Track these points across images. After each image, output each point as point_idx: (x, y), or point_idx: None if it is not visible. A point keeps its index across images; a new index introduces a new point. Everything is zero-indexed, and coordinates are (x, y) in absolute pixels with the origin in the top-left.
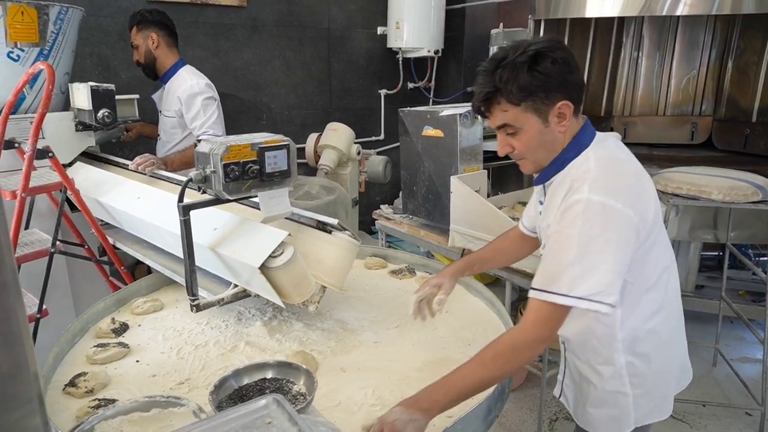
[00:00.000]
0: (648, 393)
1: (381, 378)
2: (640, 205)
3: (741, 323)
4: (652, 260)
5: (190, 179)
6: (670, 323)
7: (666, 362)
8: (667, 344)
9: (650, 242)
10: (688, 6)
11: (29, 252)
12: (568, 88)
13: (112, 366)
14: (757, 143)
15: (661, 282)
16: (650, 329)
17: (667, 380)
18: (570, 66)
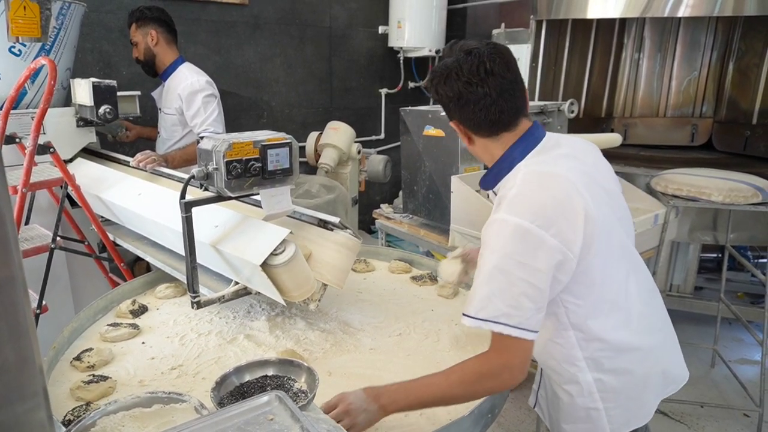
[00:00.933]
0: (621, 405)
1: (362, 386)
2: (563, 225)
3: (739, 325)
4: (600, 278)
5: (193, 176)
6: (642, 334)
7: (640, 374)
8: (640, 356)
9: (589, 262)
10: (689, 7)
11: (29, 247)
12: (456, 114)
13: (120, 345)
14: (757, 145)
15: (621, 297)
16: (617, 345)
17: (642, 390)
18: (457, 98)
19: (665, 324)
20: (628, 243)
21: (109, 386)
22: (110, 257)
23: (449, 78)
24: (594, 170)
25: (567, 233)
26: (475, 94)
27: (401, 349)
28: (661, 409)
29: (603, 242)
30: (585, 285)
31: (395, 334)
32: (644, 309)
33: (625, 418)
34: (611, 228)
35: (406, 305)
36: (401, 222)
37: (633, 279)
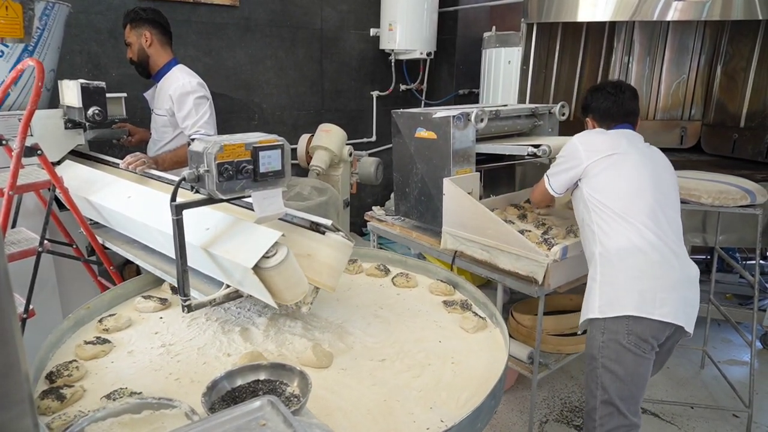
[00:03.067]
0: (610, 283)
1: (312, 404)
2: (589, 150)
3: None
4: (609, 181)
5: (184, 178)
6: (643, 250)
7: (631, 269)
8: (634, 260)
9: (606, 164)
10: (678, 11)
11: (16, 251)
12: (591, 110)
13: (120, 333)
14: (745, 148)
15: (627, 206)
16: (620, 243)
17: (629, 282)
18: (594, 98)
19: (660, 260)
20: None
21: (102, 350)
22: (99, 261)
23: (597, 89)
24: (651, 156)
25: (589, 150)
26: (608, 100)
27: (371, 377)
28: (652, 410)
29: (617, 158)
30: (598, 180)
31: (379, 358)
32: (649, 236)
33: (608, 298)
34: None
35: (417, 330)
36: (393, 224)
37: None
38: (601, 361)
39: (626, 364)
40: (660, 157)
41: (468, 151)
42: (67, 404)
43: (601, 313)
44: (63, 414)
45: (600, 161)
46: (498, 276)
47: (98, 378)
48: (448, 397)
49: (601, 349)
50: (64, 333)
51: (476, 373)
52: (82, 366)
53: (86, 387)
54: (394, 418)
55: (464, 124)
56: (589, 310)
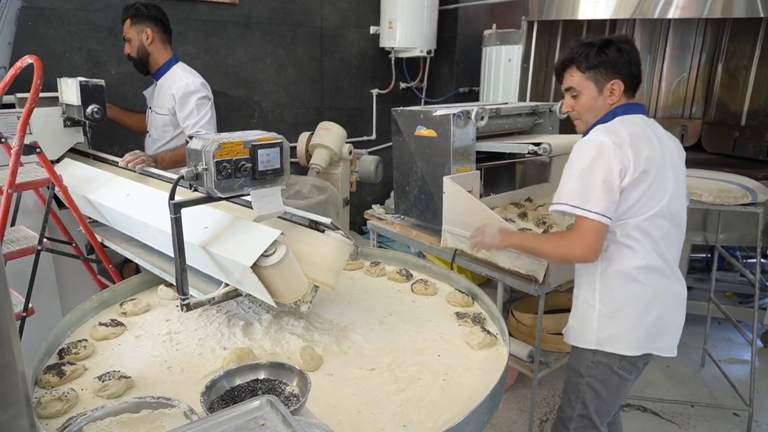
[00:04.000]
0: (612, 317)
1: None
2: (629, 151)
3: (729, 324)
4: (635, 200)
5: (182, 176)
6: (654, 279)
7: (637, 304)
8: (642, 292)
9: (637, 182)
10: (679, 9)
11: (15, 249)
12: (623, 72)
13: (136, 317)
14: (746, 146)
15: (648, 234)
16: (631, 266)
17: (633, 318)
18: (631, 57)
19: (672, 290)
20: (675, 207)
21: (113, 332)
22: (98, 259)
23: (631, 44)
24: (670, 143)
25: (632, 156)
26: (632, 54)
27: (354, 385)
28: (652, 409)
29: (651, 176)
30: (624, 197)
31: (369, 367)
32: (662, 263)
33: (610, 332)
34: (665, 178)
35: (419, 341)
36: (393, 223)
37: (663, 225)
38: (587, 380)
39: (611, 385)
40: (674, 154)
41: (468, 150)
42: (66, 381)
43: (599, 346)
44: (59, 390)
45: (638, 182)
46: (498, 275)
47: (102, 359)
48: (426, 416)
49: (590, 369)
50: (87, 313)
51: (464, 394)
52: (90, 345)
53: (88, 366)
54: (361, 431)
55: (464, 122)
56: (584, 340)
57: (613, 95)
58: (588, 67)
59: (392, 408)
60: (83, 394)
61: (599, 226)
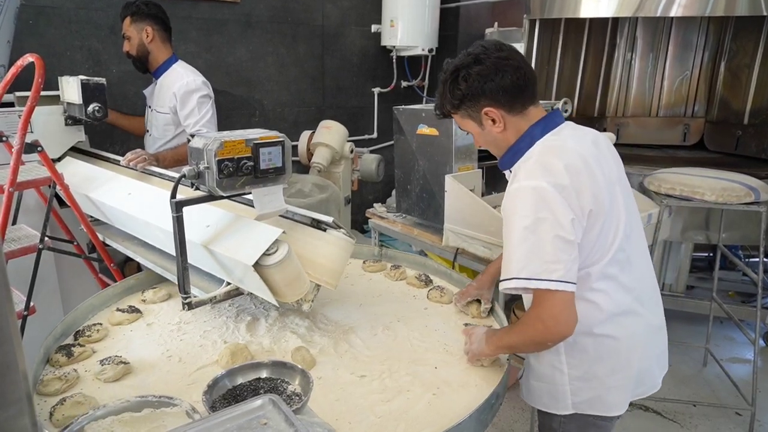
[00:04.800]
0: (586, 379)
1: None
2: (572, 192)
3: (731, 323)
4: (593, 249)
5: (184, 175)
6: (626, 326)
7: (612, 359)
8: (616, 345)
9: (590, 227)
10: (681, 7)
11: (17, 248)
12: (489, 95)
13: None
14: (749, 145)
15: (611, 278)
16: (597, 321)
17: (612, 376)
18: (487, 76)
19: (651, 327)
20: (631, 225)
21: (128, 318)
22: (100, 258)
23: (479, 61)
24: (606, 152)
25: (577, 198)
26: (509, 66)
27: (340, 391)
28: (654, 408)
29: (602, 216)
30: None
31: (360, 373)
32: (634, 304)
33: (587, 396)
34: (616, 203)
35: (420, 350)
36: (394, 221)
37: (629, 268)
38: (561, 420)
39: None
40: (610, 161)
41: (470, 148)
42: (73, 361)
43: (577, 410)
44: (62, 370)
45: (591, 226)
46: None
47: (112, 343)
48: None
49: (563, 425)
50: (110, 298)
51: (452, 411)
52: (104, 329)
53: (97, 349)
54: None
55: None
56: (558, 407)
57: (496, 124)
58: (454, 107)
59: (371, 419)
60: (85, 376)
61: (564, 296)
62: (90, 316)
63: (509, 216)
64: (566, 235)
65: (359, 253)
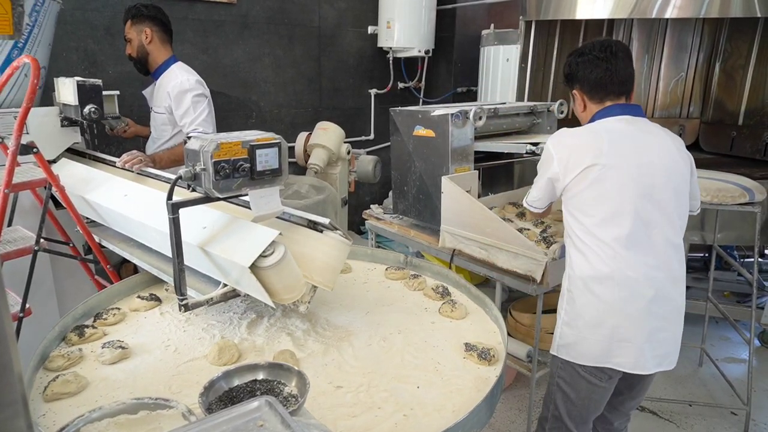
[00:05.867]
0: (571, 324)
1: None
2: (568, 158)
3: (727, 324)
4: (586, 200)
5: (180, 177)
6: (609, 289)
7: (589, 314)
8: (596, 302)
9: (586, 181)
10: (676, 9)
11: (12, 249)
12: (579, 81)
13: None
14: (744, 146)
15: (605, 240)
16: (586, 274)
17: (586, 329)
18: (580, 67)
19: (636, 297)
20: (649, 208)
21: (145, 306)
22: (96, 259)
23: (582, 54)
24: (647, 145)
25: (567, 165)
26: (599, 67)
27: (310, 401)
28: (650, 408)
29: (599, 172)
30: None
31: (337, 384)
32: (626, 270)
33: (569, 340)
34: (624, 185)
35: (409, 367)
36: (391, 223)
37: (636, 246)
38: (557, 380)
39: (579, 389)
40: (661, 155)
41: (466, 149)
42: (84, 341)
43: (558, 353)
44: (70, 349)
45: (579, 178)
46: (496, 274)
47: (123, 327)
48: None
49: (558, 370)
50: (137, 284)
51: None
52: (121, 314)
53: (109, 332)
54: None
55: (463, 122)
56: (552, 346)
57: (578, 103)
58: (564, 81)
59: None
60: (89, 356)
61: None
62: (116, 300)
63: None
64: (544, 183)
65: (384, 259)
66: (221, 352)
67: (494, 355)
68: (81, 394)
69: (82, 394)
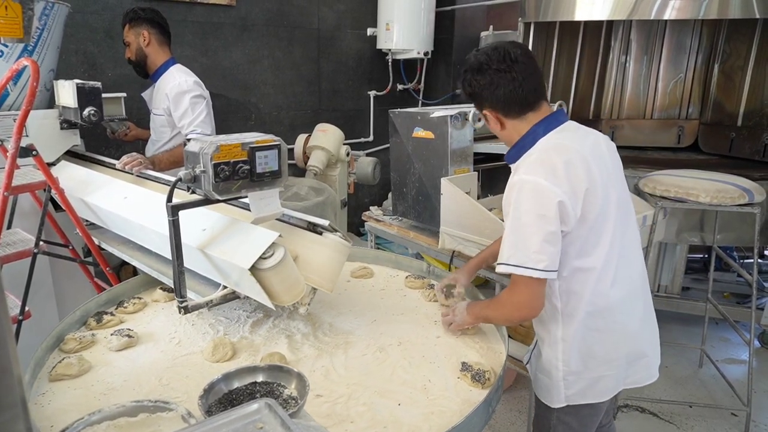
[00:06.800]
0: (577, 372)
1: None
2: (568, 187)
3: (727, 325)
4: (585, 242)
5: (180, 179)
6: (616, 319)
7: (601, 351)
8: (605, 337)
9: (581, 224)
10: (675, 10)
11: (12, 252)
12: (488, 101)
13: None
14: (742, 147)
15: (600, 273)
16: (587, 314)
17: (601, 366)
18: (484, 86)
19: (645, 312)
20: (623, 225)
21: (165, 297)
22: (95, 262)
23: (481, 70)
24: (605, 153)
25: (572, 193)
26: (505, 79)
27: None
28: (651, 410)
29: (593, 217)
30: (578, 244)
31: (317, 393)
32: (626, 293)
33: (578, 388)
34: (608, 202)
35: (396, 382)
36: (391, 224)
37: (619, 262)
38: (556, 414)
39: (582, 415)
40: (606, 160)
41: (465, 151)
42: (101, 327)
43: (570, 402)
44: (84, 333)
45: (582, 225)
46: (496, 276)
47: (140, 317)
48: None
49: (558, 423)
50: (141, 285)
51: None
52: (141, 303)
53: (126, 320)
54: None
55: (462, 123)
56: (554, 401)
57: (494, 123)
58: (467, 100)
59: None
60: (102, 342)
61: (539, 284)
62: (142, 290)
63: (506, 206)
64: (555, 229)
65: (408, 267)
66: (216, 348)
67: (489, 377)
68: (81, 377)
69: (82, 378)
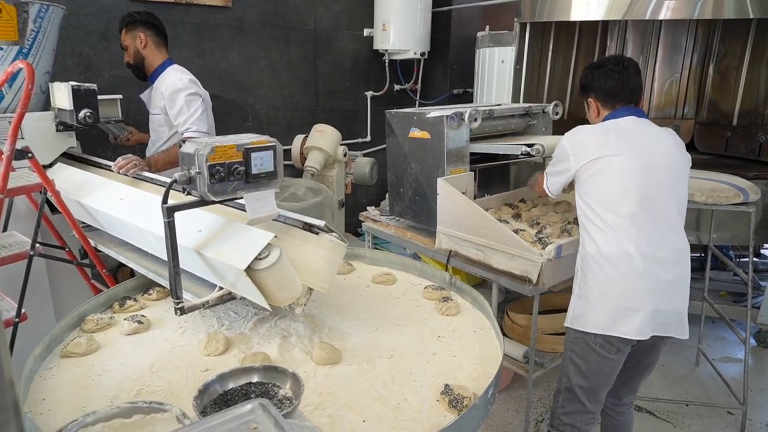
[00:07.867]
0: (582, 297)
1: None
2: (577, 153)
3: (723, 323)
4: (595, 186)
5: (175, 180)
6: (616, 267)
7: (597, 287)
8: (604, 277)
9: (593, 170)
10: (670, 10)
11: (7, 255)
12: (593, 90)
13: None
14: (738, 146)
15: (614, 225)
16: (597, 253)
17: (596, 299)
18: (596, 77)
19: (638, 271)
20: (652, 196)
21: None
22: (92, 264)
23: (599, 67)
24: (650, 137)
25: (578, 156)
26: (613, 78)
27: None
28: (647, 408)
29: (606, 161)
30: (588, 184)
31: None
32: (635, 250)
33: (579, 311)
34: (634, 169)
35: (374, 396)
36: (388, 224)
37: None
38: (569, 354)
39: (590, 362)
40: (661, 149)
41: (462, 151)
42: (123, 311)
43: (571, 325)
44: (102, 316)
45: (587, 166)
46: (492, 275)
47: (160, 305)
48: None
49: (571, 344)
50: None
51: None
52: (164, 292)
53: (147, 305)
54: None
55: (458, 123)
56: (567, 320)
57: (592, 109)
58: (580, 89)
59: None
60: (117, 325)
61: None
62: (140, 291)
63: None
64: (562, 170)
65: (432, 276)
66: (209, 340)
67: (467, 405)
68: (87, 356)
69: (88, 357)
